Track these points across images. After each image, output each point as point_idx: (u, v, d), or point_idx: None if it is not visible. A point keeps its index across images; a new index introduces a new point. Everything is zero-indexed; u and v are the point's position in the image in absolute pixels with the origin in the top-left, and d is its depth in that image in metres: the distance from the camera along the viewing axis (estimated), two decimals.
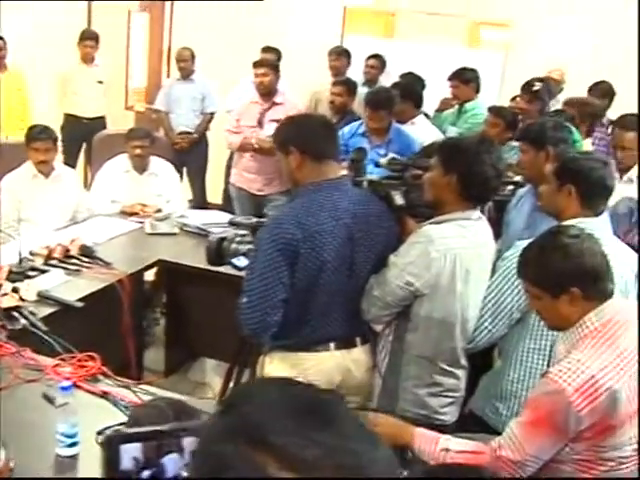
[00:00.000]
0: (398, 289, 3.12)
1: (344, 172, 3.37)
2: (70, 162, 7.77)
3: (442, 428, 3.05)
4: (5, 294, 4.09)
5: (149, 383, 3.65)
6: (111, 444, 1.33)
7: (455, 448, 2.65)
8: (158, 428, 1.41)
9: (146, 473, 1.34)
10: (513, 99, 7.04)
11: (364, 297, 3.22)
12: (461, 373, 3.37)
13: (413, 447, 2.72)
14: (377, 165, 3.50)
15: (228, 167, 7.98)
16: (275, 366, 3.27)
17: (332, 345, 3.23)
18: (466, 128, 6.69)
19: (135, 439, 1.35)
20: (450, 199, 3.15)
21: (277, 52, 8.02)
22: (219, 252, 3.49)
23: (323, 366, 3.20)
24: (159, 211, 6.01)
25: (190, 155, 8.14)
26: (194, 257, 5.15)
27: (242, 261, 3.40)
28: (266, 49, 8.03)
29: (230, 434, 0.95)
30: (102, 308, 4.51)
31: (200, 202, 8.10)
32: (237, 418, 0.97)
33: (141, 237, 5.57)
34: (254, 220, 3.54)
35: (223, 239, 3.51)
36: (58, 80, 8.49)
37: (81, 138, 8.28)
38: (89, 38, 8.33)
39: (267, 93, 6.65)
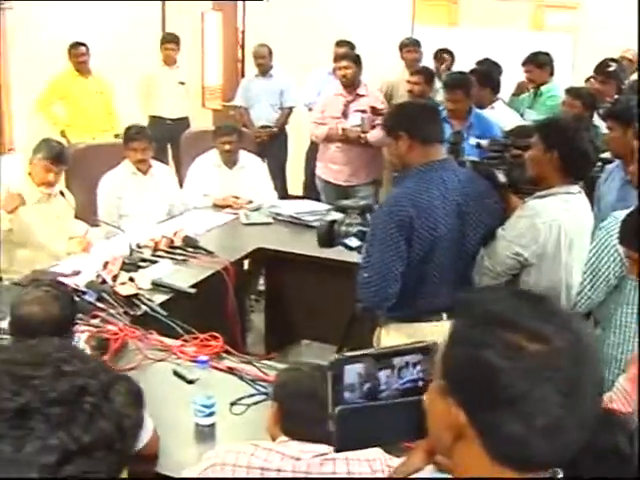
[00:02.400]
0: (507, 259, 3.34)
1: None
2: None
3: None
4: (123, 283, 4.38)
5: (270, 359, 3.92)
6: (337, 364, 1.59)
7: None
8: (372, 351, 1.67)
9: (366, 385, 1.61)
10: (587, 80, 7.15)
11: (475, 268, 3.44)
12: None
13: None
14: (478, 146, 3.70)
15: (307, 159, 8.21)
16: (391, 337, 3.50)
17: (444, 315, 3.43)
18: (544, 111, 6.80)
19: (356, 361, 1.61)
20: (552, 175, 3.36)
21: (351, 45, 8.12)
22: (330, 234, 3.72)
23: (437, 335, 3.40)
24: (250, 202, 6.26)
25: (271, 148, 8.31)
26: (291, 244, 5.45)
27: (353, 241, 3.62)
28: (340, 43, 8.15)
29: (482, 324, 1.24)
30: (208, 294, 4.76)
31: (281, 194, 8.28)
32: (485, 312, 1.27)
33: (237, 227, 5.84)
34: (362, 203, 3.77)
35: (333, 222, 3.74)
36: (142, 83, 8.77)
37: (166, 139, 8.46)
38: (171, 41, 8.63)
39: (350, 85, 6.86)
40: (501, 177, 3.47)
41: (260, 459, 2.36)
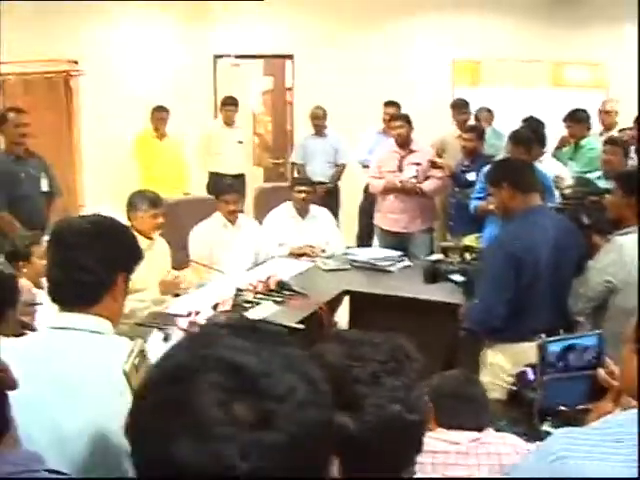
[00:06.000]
0: (599, 286, 4.00)
1: None
2: None
3: None
4: None
5: None
6: (544, 345, 2.22)
7: None
8: (565, 337, 2.30)
9: (560, 364, 2.23)
10: (621, 131, 7.81)
11: (570, 295, 4.10)
12: None
13: None
14: (562, 195, 4.39)
15: (361, 211, 8.87)
16: (496, 356, 4.14)
17: (543, 336, 4.05)
18: (584, 162, 7.45)
19: (554, 342, 2.25)
20: (630, 216, 4.05)
21: (398, 105, 8.78)
22: (434, 272, 4.38)
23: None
24: (323, 251, 6.90)
25: (325, 202, 8.82)
26: (371, 286, 6.05)
27: (457, 277, 4.28)
28: (388, 103, 8.84)
29: None
30: (306, 331, 5.35)
31: None
32: None
33: (318, 273, 6.47)
34: (461, 244, 4.42)
35: (436, 261, 4.40)
36: (202, 141, 9.49)
37: None
38: (231, 104, 9.35)
39: (404, 143, 7.53)
40: (585, 219, 4.15)
41: (430, 445, 2.97)
